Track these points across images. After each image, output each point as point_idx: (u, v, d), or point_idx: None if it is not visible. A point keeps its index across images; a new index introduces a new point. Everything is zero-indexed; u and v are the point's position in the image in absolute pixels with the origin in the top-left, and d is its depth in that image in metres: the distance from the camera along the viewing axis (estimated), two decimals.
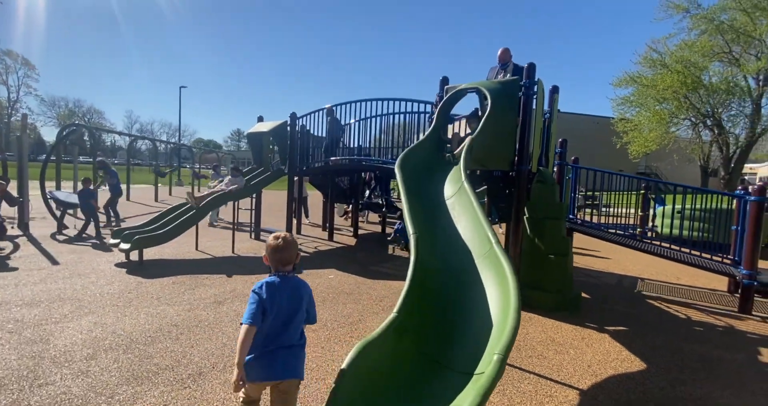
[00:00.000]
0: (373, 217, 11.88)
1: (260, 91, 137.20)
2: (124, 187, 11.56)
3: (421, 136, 5.00)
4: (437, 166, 4.34)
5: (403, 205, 3.21)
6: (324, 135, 7.36)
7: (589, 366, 3.24)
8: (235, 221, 6.85)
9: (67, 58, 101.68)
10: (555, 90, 5.27)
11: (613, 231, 6.66)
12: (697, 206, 6.56)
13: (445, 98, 4.64)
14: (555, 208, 4.76)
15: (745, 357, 3.56)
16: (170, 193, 18.01)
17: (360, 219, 10.94)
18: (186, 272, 5.49)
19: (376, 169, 7.92)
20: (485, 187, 5.86)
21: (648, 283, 6.21)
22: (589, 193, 10.54)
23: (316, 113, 7.19)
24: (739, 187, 5.73)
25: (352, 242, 8.39)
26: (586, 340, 3.78)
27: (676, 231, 7.55)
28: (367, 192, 9.75)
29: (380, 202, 9.36)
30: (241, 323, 1.80)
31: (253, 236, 8.13)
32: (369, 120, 7.12)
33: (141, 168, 39.10)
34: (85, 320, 3.69)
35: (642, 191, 10.81)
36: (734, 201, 5.59)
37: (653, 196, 10.94)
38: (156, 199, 15.46)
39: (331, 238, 8.34)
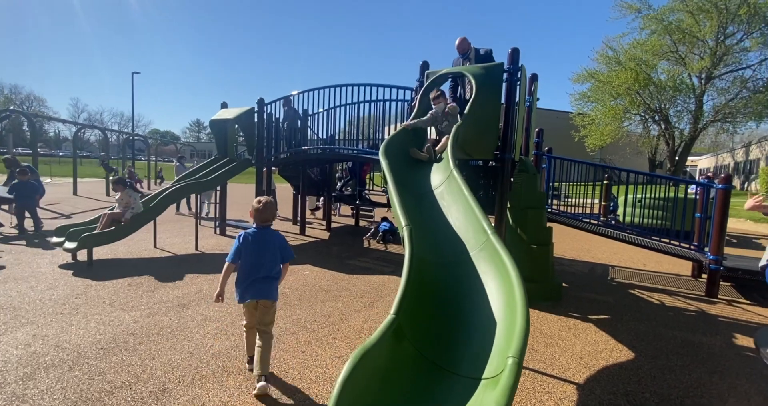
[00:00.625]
0: (345, 210, 11.56)
1: (223, 80, 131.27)
2: (65, 181, 10.47)
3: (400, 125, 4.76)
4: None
5: (392, 195, 2.96)
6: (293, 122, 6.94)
7: (581, 358, 3.18)
8: (198, 215, 6.31)
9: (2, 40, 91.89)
10: (534, 78, 5.20)
11: (587, 220, 6.83)
12: (659, 195, 6.85)
13: (426, 84, 4.42)
14: (537, 197, 4.70)
15: (722, 341, 3.65)
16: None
17: (332, 212, 10.58)
18: (143, 272, 4.96)
19: (352, 158, 7.62)
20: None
21: (618, 270, 6.39)
22: (557, 184, 10.82)
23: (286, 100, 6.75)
24: (703, 177, 5.98)
25: (325, 235, 8.05)
26: (572, 330, 3.74)
27: (636, 219, 7.88)
28: (339, 184, 9.40)
29: (354, 194, 9.05)
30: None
31: (218, 231, 7.58)
32: (341, 108, 6.80)
33: (91, 160, 36.31)
34: (22, 333, 3.18)
35: (605, 182, 11.28)
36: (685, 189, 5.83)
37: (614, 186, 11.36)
38: (108, 194, 14.27)
39: (303, 232, 7.95)
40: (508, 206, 4.69)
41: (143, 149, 24.26)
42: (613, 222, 8.91)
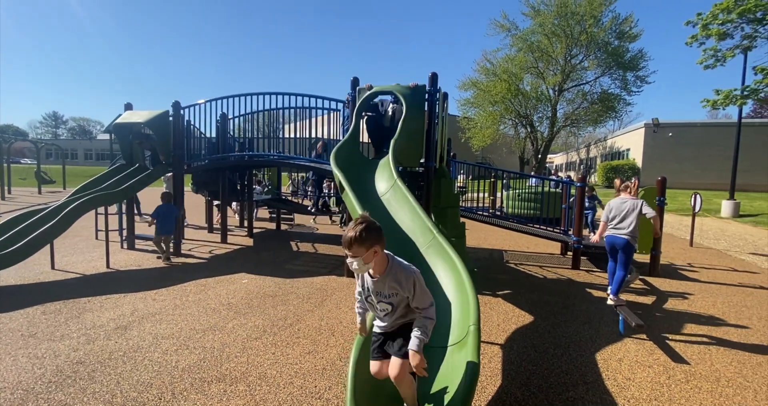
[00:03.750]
0: (262, 213, 11.32)
1: (86, 65, 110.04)
2: None
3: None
4: (360, 163, 4.59)
5: (353, 203, 3.38)
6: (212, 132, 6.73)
7: (498, 325, 4.06)
8: (107, 230, 5.71)
9: None
10: (445, 97, 6.07)
11: (481, 213, 8.15)
12: (533, 191, 8.56)
13: (360, 100, 4.89)
14: (454, 198, 5.57)
15: (585, 300, 4.96)
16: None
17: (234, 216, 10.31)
18: (55, 297, 4.42)
19: (276, 164, 7.64)
20: None
21: (510, 253, 7.78)
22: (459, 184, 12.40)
23: (206, 105, 6.48)
24: (565, 176, 7.69)
25: (249, 241, 7.92)
26: (488, 305, 4.65)
27: (517, 210, 9.62)
28: (258, 188, 9.24)
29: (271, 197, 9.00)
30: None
31: (125, 246, 6.87)
32: (262, 113, 6.85)
33: None
34: None
35: (492, 179, 13.23)
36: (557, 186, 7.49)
37: (503, 182, 13.38)
38: None
39: (224, 240, 7.69)
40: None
41: None
42: (499, 213, 10.68)
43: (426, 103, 4.97)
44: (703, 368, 3.23)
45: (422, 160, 5.11)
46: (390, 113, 5.23)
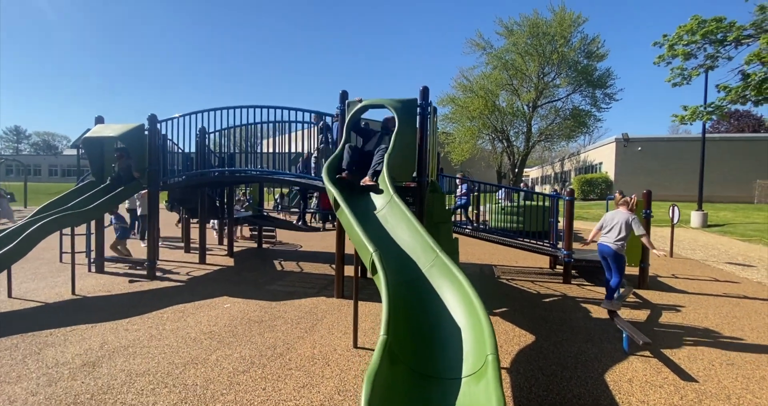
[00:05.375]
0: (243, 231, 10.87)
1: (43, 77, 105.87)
2: None
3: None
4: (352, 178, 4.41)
5: (350, 221, 3.18)
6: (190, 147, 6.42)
7: (501, 346, 3.88)
8: (73, 252, 5.23)
9: None
10: (434, 111, 6.01)
11: (467, 228, 8.07)
12: (518, 205, 8.59)
13: (351, 114, 4.74)
14: (446, 213, 5.45)
15: (582, 315, 4.87)
16: None
17: (213, 234, 9.87)
18: (9, 330, 3.95)
19: (258, 180, 7.35)
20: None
21: (501, 268, 7.69)
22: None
23: (183, 119, 6.16)
24: (551, 190, 7.75)
25: (229, 261, 7.51)
26: None
27: (501, 224, 9.62)
28: (237, 207, 8.86)
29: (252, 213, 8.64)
30: None
31: (93, 269, 6.34)
32: (241, 128, 6.61)
33: None
34: None
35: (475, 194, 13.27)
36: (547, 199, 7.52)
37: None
38: None
39: (203, 260, 7.25)
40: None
41: None
42: (483, 227, 10.67)
43: (418, 116, 4.88)
44: (711, 386, 3.15)
45: (414, 176, 4.97)
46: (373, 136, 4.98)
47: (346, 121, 4.72)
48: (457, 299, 2.81)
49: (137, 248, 8.75)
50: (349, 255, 5.44)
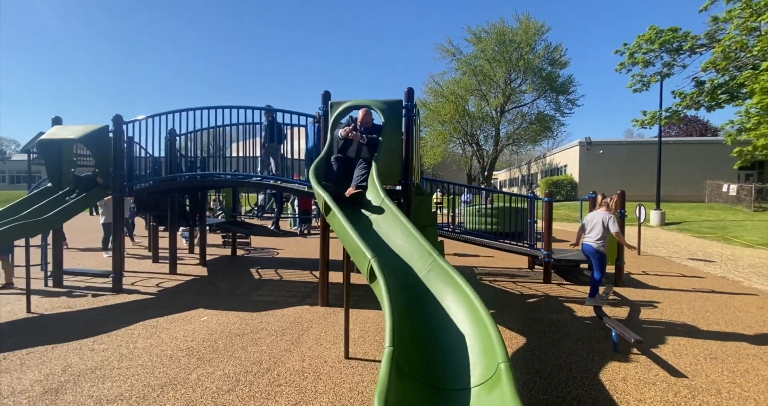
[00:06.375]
0: (214, 238, 10.37)
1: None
2: None
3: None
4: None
5: (343, 227, 3.02)
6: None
7: None
8: (28, 265, 4.72)
9: None
10: (418, 113, 5.96)
11: (448, 229, 8.08)
12: (493, 206, 8.72)
13: (334, 115, 4.59)
14: (431, 216, 5.38)
15: (568, 315, 4.93)
16: None
17: (181, 242, 9.41)
18: None
19: (232, 184, 7.01)
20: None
21: (481, 270, 7.73)
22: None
23: (151, 120, 5.76)
24: (529, 192, 7.91)
25: (202, 271, 7.09)
26: None
27: (476, 226, 9.73)
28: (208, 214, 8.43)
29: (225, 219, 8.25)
30: None
31: (51, 283, 5.77)
32: (211, 130, 6.30)
33: None
34: None
35: (451, 196, 13.38)
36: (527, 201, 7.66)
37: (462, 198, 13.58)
38: None
39: (174, 270, 6.80)
40: None
41: None
42: (458, 230, 10.76)
43: (404, 118, 4.79)
44: (701, 381, 3.22)
45: (400, 179, 4.88)
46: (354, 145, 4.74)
47: (330, 123, 4.56)
48: (459, 305, 2.73)
49: (99, 259, 8.13)
50: (334, 261, 5.28)
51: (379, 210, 3.60)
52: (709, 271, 7.69)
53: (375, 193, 3.73)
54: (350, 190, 4.01)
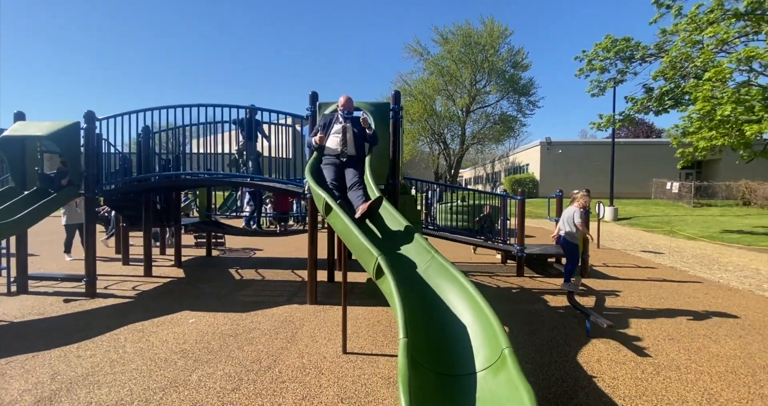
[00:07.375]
0: (186, 239, 10.02)
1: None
2: None
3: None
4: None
5: (346, 226, 3.13)
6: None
7: None
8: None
9: None
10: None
11: (423, 227, 8.33)
12: (465, 203, 9.12)
13: (324, 116, 4.65)
14: (417, 214, 5.58)
15: (543, 306, 5.31)
16: None
17: (154, 243, 9.11)
18: None
19: (210, 183, 6.85)
20: None
21: (457, 265, 8.04)
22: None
23: (124, 118, 5.52)
24: (500, 190, 8.34)
25: (179, 272, 6.88)
26: None
27: (448, 223, 10.11)
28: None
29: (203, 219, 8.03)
30: None
31: (15, 288, 5.39)
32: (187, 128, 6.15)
33: None
34: None
35: (424, 193, 13.72)
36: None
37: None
38: None
39: (149, 273, 6.55)
40: None
41: None
42: (432, 227, 11.11)
43: (391, 120, 4.95)
44: (663, 359, 3.64)
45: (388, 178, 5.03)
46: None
47: (319, 125, 4.61)
48: (459, 298, 2.93)
49: (62, 262, 7.66)
50: (321, 260, 5.35)
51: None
52: (659, 262, 8.46)
53: (371, 193, 3.85)
54: (363, 207, 3.66)
